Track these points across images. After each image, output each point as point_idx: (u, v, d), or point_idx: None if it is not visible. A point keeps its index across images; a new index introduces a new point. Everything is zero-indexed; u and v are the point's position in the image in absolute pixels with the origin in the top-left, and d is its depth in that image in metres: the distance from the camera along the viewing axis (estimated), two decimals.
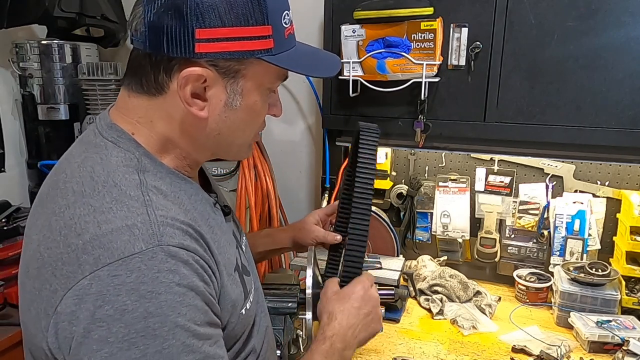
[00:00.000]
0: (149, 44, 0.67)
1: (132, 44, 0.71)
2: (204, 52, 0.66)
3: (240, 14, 0.66)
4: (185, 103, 0.69)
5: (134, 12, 0.69)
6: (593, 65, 1.30)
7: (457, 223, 1.70)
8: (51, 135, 1.93)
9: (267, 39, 0.69)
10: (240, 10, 0.66)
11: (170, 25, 0.65)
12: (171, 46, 0.65)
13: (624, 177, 1.56)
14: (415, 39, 1.37)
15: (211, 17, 0.65)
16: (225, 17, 0.65)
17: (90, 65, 1.87)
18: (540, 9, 1.31)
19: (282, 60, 0.71)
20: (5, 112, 1.94)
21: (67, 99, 1.91)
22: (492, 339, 1.35)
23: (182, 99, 0.68)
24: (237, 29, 0.66)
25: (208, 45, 0.66)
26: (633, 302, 1.40)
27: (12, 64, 1.87)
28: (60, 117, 1.91)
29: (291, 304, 1.06)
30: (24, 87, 1.89)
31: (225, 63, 0.68)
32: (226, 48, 0.67)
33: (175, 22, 0.65)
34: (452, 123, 1.46)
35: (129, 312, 0.58)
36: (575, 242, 1.56)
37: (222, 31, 0.66)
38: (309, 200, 1.99)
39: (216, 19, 0.65)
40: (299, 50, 0.76)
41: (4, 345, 1.50)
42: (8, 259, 1.67)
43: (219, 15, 0.65)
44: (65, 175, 0.69)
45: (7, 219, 1.72)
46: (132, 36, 0.69)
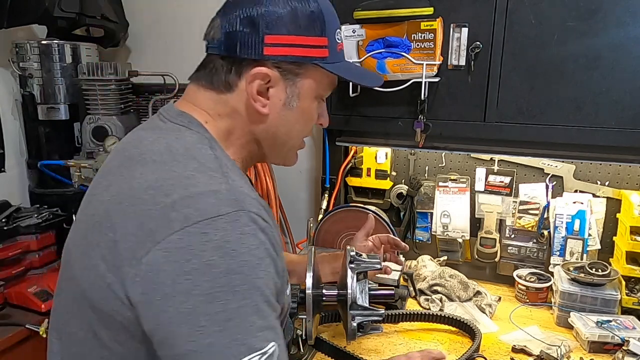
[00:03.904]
0: (224, 48, 0.79)
1: (206, 51, 0.83)
2: (271, 54, 0.78)
3: (303, 25, 0.78)
4: (250, 98, 0.79)
5: (212, 24, 0.81)
6: (593, 65, 1.30)
7: (457, 223, 1.70)
8: (51, 135, 1.93)
9: (323, 49, 0.81)
10: (302, 22, 0.78)
11: (244, 32, 0.77)
12: (243, 49, 0.78)
13: (624, 177, 1.56)
14: (415, 39, 1.37)
15: (279, 26, 0.77)
16: (290, 26, 0.78)
17: (90, 65, 1.87)
18: (540, 9, 1.31)
19: (334, 68, 0.83)
20: (5, 112, 1.94)
21: (67, 99, 1.91)
22: (492, 339, 1.35)
23: (249, 94, 0.79)
24: (300, 37, 0.79)
25: (274, 49, 0.78)
26: (633, 302, 1.40)
27: (12, 64, 1.87)
28: (60, 117, 1.92)
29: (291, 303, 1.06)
30: (24, 87, 1.89)
31: (287, 66, 0.80)
32: (289, 52, 0.79)
33: (249, 29, 0.77)
34: (452, 123, 1.46)
35: (214, 266, 0.63)
36: (575, 242, 1.56)
37: (286, 38, 0.78)
38: (309, 200, 1.99)
39: (283, 27, 0.77)
40: (347, 64, 0.90)
41: (4, 345, 1.50)
42: (8, 259, 1.67)
43: (285, 25, 0.77)
44: (138, 150, 0.77)
45: (7, 219, 1.72)
46: (208, 43, 0.82)
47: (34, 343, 1.58)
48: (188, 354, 0.63)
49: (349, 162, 1.75)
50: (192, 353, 0.63)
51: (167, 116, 0.82)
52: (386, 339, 1.35)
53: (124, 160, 0.78)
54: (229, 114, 0.82)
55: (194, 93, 0.83)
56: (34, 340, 1.58)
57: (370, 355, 1.28)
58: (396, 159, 1.80)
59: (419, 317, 1.36)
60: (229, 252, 0.64)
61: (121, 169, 0.76)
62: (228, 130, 0.82)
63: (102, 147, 1.85)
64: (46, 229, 1.77)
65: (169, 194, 0.68)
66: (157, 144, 0.76)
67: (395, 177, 1.79)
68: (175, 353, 0.64)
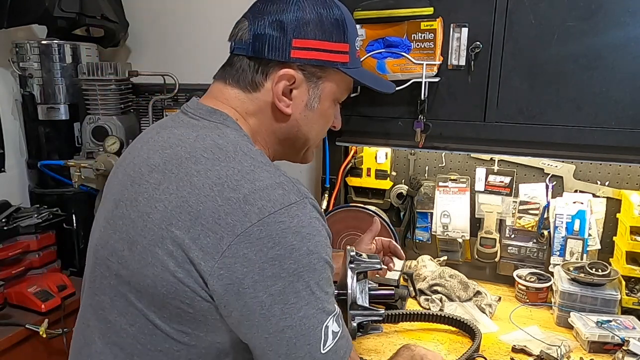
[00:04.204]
0: (252, 50, 0.82)
1: (232, 52, 0.86)
2: (297, 57, 0.82)
3: (328, 31, 0.83)
4: (276, 98, 0.83)
5: (239, 26, 0.85)
6: (593, 65, 1.30)
7: (457, 223, 1.70)
8: (51, 135, 1.93)
9: (345, 54, 0.86)
10: (328, 28, 0.83)
11: (272, 35, 0.81)
12: (272, 51, 0.81)
13: (624, 177, 1.56)
14: (415, 39, 1.37)
15: (306, 31, 0.81)
16: (316, 32, 0.82)
17: (90, 65, 1.87)
18: (540, 9, 1.31)
19: (354, 73, 0.88)
20: (5, 112, 1.94)
21: (67, 99, 1.92)
22: (492, 339, 1.35)
23: (275, 94, 0.83)
24: (325, 42, 0.83)
25: (301, 52, 0.82)
26: (633, 302, 1.40)
27: (12, 64, 1.88)
28: (60, 117, 1.92)
29: None
30: (24, 87, 1.89)
31: (311, 69, 0.84)
32: (314, 56, 0.83)
33: (278, 33, 0.81)
34: (452, 123, 1.46)
35: (296, 250, 0.70)
36: (575, 242, 1.56)
37: (312, 42, 0.82)
38: None
39: (310, 32, 0.82)
40: (364, 70, 0.96)
41: (4, 345, 1.50)
42: (8, 259, 1.67)
43: (312, 30, 0.82)
44: (184, 148, 0.78)
45: (7, 219, 1.72)
46: (235, 44, 0.85)
47: (33, 343, 1.59)
48: (284, 330, 0.71)
49: (349, 162, 1.75)
50: (287, 328, 0.71)
51: (198, 114, 0.84)
52: (386, 339, 1.35)
53: (169, 158, 0.78)
54: (255, 113, 0.85)
55: (219, 91, 0.86)
56: (33, 340, 1.58)
57: (370, 355, 1.28)
58: (396, 159, 1.80)
59: (419, 317, 1.36)
60: (306, 236, 0.71)
61: (170, 167, 0.77)
62: (255, 128, 0.86)
63: (102, 147, 1.85)
64: (46, 229, 1.77)
65: (237, 189, 0.72)
66: (201, 141, 0.78)
67: (395, 177, 1.79)
68: (271, 331, 0.71)
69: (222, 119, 0.83)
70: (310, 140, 0.92)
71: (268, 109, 0.85)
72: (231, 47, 0.86)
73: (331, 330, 0.74)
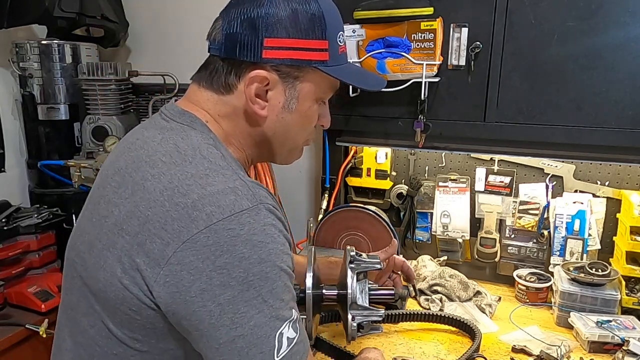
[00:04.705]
0: (224, 50, 0.79)
1: (209, 52, 0.82)
2: (270, 57, 0.78)
3: (303, 28, 0.78)
4: (249, 100, 0.79)
5: (214, 25, 0.81)
6: (593, 65, 1.30)
7: (457, 223, 1.70)
8: (51, 135, 1.94)
9: (324, 52, 0.80)
10: (303, 26, 0.78)
11: (244, 35, 0.77)
12: (243, 51, 0.78)
13: (624, 177, 1.56)
14: (415, 39, 1.37)
15: (279, 29, 0.77)
16: (290, 30, 0.77)
17: (90, 65, 1.87)
18: (540, 9, 1.31)
19: (334, 71, 0.82)
20: (5, 112, 1.94)
21: (67, 99, 1.92)
22: (492, 339, 1.35)
23: (247, 96, 0.79)
24: (299, 40, 0.78)
25: (274, 52, 0.78)
26: (633, 302, 1.40)
27: (12, 64, 1.88)
28: (60, 117, 1.92)
29: None
30: (24, 87, 1.89)
31: (286, 69, 0.79)
32: (288, 56, 0.78)
33: (249, 32, 0.77)
34: (452, 123, 1.46)
35: (246, 258, 0.68)
36: (575, 242, 1.56)
37: (286, 41, 0.77)
38: (309, 200, 1.99)
39: (283, 31, 0.77)
40: (349, 67, 0.89)
41: (4, 345, 1.50)
42: (8, 259, 1.67)
43: (285, 28, 0.77)
44: (145, 151, 0.77)
45: (7, 219, 1.72)
46: (210, 44, 0.81)
47: (33, 343, 1.59)
48: (235, 340, 0.69)
49: (349, 162, 1.75)
50: (238, 338, 0.69)
51: (170, 115, 0.82)
52: (386, 339, 1.35)
53: (132, 161, 0.78)
54: (229, 115, 0.82)
55: (194, 93, 0.84)
56: (33, 340, 1.58)
57: None
58: (396, 159, 1.80)
59: (419, 317, 1.36)
60: (257, 244, 0.69)
61: (129, 170, 0.76)
62: (228, 130, 0.83)
63: (102, 147, 1.85)
64: (46, 229, 1.77)
65: (187, 194, 0.70)
66: (164, 144, 0.77)
67: (395, 177, 1.79)
68: (221, 342, 0.69)
69: (189, 121, 0.80)
70: (290, 142, 0.88)
71: (242, 112, 0.82)
72: (208, 47, 0.83)
73: (286, 337, 0.72)
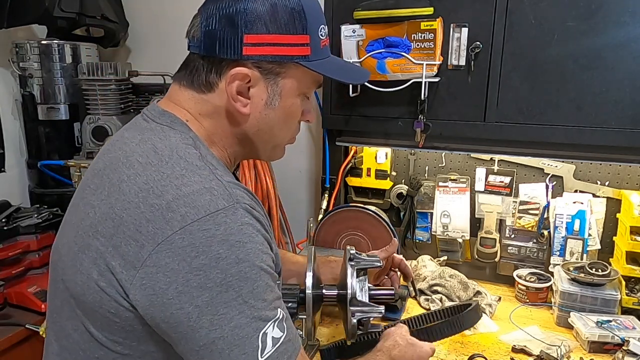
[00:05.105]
0: (204, 48, 0.77)
1: (188, 50, 0.81)
2: (250, 54, 0.76)
3: (283, 24, 0.76)
4: (230, 98, 0.78)
5: (193, 22, 0.80)
6: (593, 65, 1.30)
7: (457, 223, 1.70)
8: (51, 135, 1.93)
9: (305, 47, 0.79)
10: (282, 21, 0.76)
11: (223, 32, 0.75)
12: (223, 49, 0.76)
13: (624, 177, 1.56)
14: (415, 39, 1.37)
15: (258, 25, 0.75)
16: (270, 25, 0.76)
17: (90, 65, 1.87)
18: (540, 9, 1.31)
19: (317, 66, 0.81)
20: (5, 112, 1.94)
21: (67, 99, 1.91)
22: (492, 339, 1.35)
23: (229, 94, 0.78)
24: (280, 36, 0.77)
25: (254, 49, 0.76)
26: (633, 302, 1.40)
27: (12, 64, 1.87)
28: (60, 117, 1.92)
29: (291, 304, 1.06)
30: (24, 87, 1.89)
31: (267, 65, 0.78)
32: (269, 52, 0.77)
33: (228, 29, 0.75)
34: (452, 123, 1.46)
35: (223, 259, 0.67)
36: (575, 242, 1.56)
37: (266, 37, 0.76)
38: (309, 200, 1.99)
39: (262, 26, 0.75)
40: (333, 61, 0.87)
41: (4, 345, 1.50)
42: (8, 259, 1.66)
43: (264, 24, 0.75)
44: (124, 152, 0.76)
45: (7, 219, 1.72)
46: (190, 42, 0.80)
47: (33, 343, 1.58)
48: (215, 341, 0.67)
49: (349, 162, 1.75)
50: (218, 340, 0.67)
51: (150, 116, 0.81)
52: None
53: (109, 162, 0.77)
54: (210, 114, 0.81)
55: (175, 92, 0.83)
56: (33, 340, 1.58)
57: None
58: (396, 159, 1.80)
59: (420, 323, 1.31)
60: (234, 244, 0.68)
61: (107, 172, 0.76)
62: (210, 129, 0.82)
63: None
64: (46, 229, 1.77)
65: (162, 195, 0.69)
66: (142, 145, 0.76)
67: (395, 177, 1.79)
68: (201, 344, 0.68)
69: (169, 122, 0.79)
70: (274, 138, 0.87)
71: (224, 110, 0.80)
72: (187, 45, 0.82)
73: (271, 337, 0.70)
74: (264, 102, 0.80)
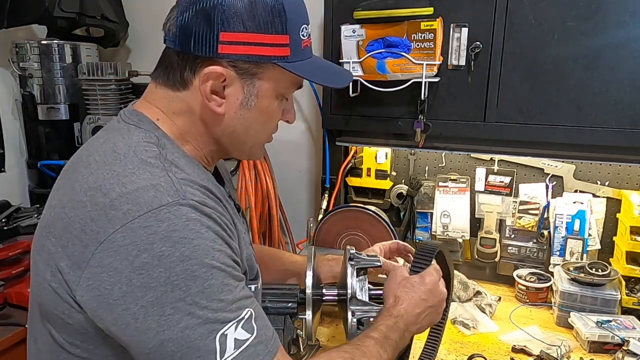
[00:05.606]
0: (179, 43, 0.74)
1: (164, 43, 0.78)
2: (226, 53, 0.73)
3: (262, 22, 0.73)
4: (204, 98, 0.75)
5: (169, 15, 0.77)
6: (593, 65, 1.30)
7: (457, 223, 1.70)
8: (51, 135, 1.93)
9: (284, 47, 0.75)
10: (261, 19, 0.72)
11: (198, 28, 0.72)
12: (198, 46, 0.73)
13: (624, 177, 1.56)
14: (415, 39, 1.37)
15: (235, 23, 0.72)
16: (247, 23, 0.72)
17: (90, 65, 1.87)
18: (540, 9, 1.31)
19: (296, 68, 0.77)
20: (5, 112, 1.94)
21: (67, 99, 1.91)
22: (492, 339, 1.35)
23: (203, 93, 0.75)
24: (258, 35, 0.73)
25: (230, 47, 0.73)
26: (633, 302, 1.40)
27: (12, 64, 1.87)
28: (60, 117, 1.92)
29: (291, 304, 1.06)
30: (24, 87, 1.89)
31: (244, 65, 0.75)
32: (246, 51, 0.73)
33: (204, 25, 0.72)
34: (452, 123, 1.46)
35: (166, 257, 0.64)
36: (575, 242, 1.56)
37: (243, 36, 0.73)
38: (309, 200, 1.99)
39: (239, 24, 0.72)
40: (314, 62, 0.83)
41: (4, 345, 1.50)
42: (8, 259, 1.66)
43: (242, 22, 0.72)
44: (88, 151, 0.76)
45: (7, 219, 1.72)
46: (165, 36, 0.77)
47: None
48: (164, 343, 0.64)
49: (349, 162, 1.75)
50: (168, 342, 0.64)
51: (122, 117, 0.80)
52: None
53: (73, 162, 0.77)
54: (184, 112, 0.78)
55: (150, 92, 0.81)
56: None
57: None
58: (396, 159, 1.80)
59: None
60: (178, 241, 0.65)
61: (68, 172, 0.76)
62: (184, 128, 0.79)
63: None
64: None
65: (107, 193, 0.67)
66: (105, 144, 0.75)
67: (395, 177, 1.79)
68: (150, 346, 0.65)
69: (136, 120, 0.78)
70: (251, 139, 0.83)
71: (199, 108, 0.77)
72: (163, 39, 0.78)
73: (233, 339, 0.66)
74: (239, 103, 0.77)
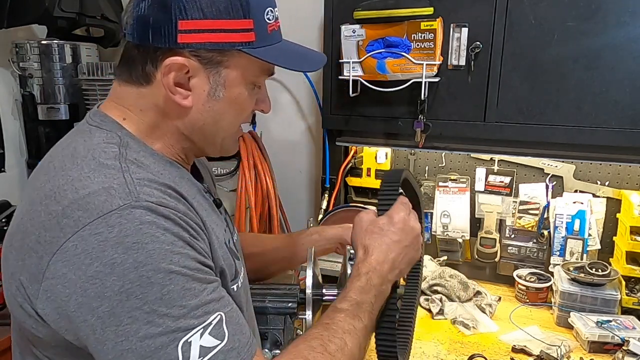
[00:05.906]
0: (137, 36, 0.70)
1: (123, 37, 0.73)
2: (186, 42, 0.69)
3: (222, 7, 0.68)
4: (168, 91, 0.71)
5: (127, 7, 0.72)
6: (593, 65, 1.30)
7: (457, 223, 1.70)
8: (51, 135, 1.93)
9: (248, 32, 0.71)
10: (221, 5, 0.68)
11: (156, 18, 0.68)
12: (156, 37, 0.69)
13: (624, 177, 1.56)
14: (415, 39, 1.37)
15: (193, 10, 0.67)
16: (206, 9, 0.68)
17: (90, 65, 1.87)
18: (540, 9, 1.31)
19: (261, 53, 0.73)
20: (5, 112, 1.94)
21: (67, 99, 1.91)
22: (492, 338, 1.35)
23: (166, 87, 0.71)
24: (218, 21, 0.69)
25: (190, 36, 0.69)
26: (633, 302, 1.40)
27: (12, 64, 1.87)
28: (60, 117, 1.91)
29: (291, 304, 1.05)
30: (24, 87, 1.89)
31: (207, 54, 0.70)
32: (207, 39, 0.69)
33: (160, 14, 0.68)
34: (452, 123, 1.46)
35: (119, 264, 0.60)
36: (575, 242, 1.56)
37: (203, 23, 0.68)
38: (309, 200, 1.99)
39: (198, 11, 0.68)
40: (284, 47, 0.78)
41: (4, 345, 1.50)
42: None
43: (200, 8, 0.68)
44: (50, 157, 0.73)
45: (7, 219, 1.72)
46: (123, 29, 0.72)
47: None
48: (123, 354, 0.62)
49: (349, 162, 1.75)
50: (127, 352, 0.61)
51: (87, 119, 0.77)
52: None
53: (36, 169, 0.74)
54: (150, 108, 0.74)
55: (115, 90, 0.77)
56: None
57: (370, 354, 1.28)
58: (396, 159, 1.80)
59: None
60: (131, 247, 0.61)
61: (31, 180, 0.72)
62: (151, 125, 0.75)
63: None
64: None
65: (60, 201, 0.64)
66: (66, 149, 0.72)
67: None
68: (110, 357, 0.62)
69: (99, 122, 0.74)
70: (222, 131, 0.79)
71: (165, 103, 0.73)
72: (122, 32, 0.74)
73: (198, 346, 0.63)
74: (206, 94, 0.73)
